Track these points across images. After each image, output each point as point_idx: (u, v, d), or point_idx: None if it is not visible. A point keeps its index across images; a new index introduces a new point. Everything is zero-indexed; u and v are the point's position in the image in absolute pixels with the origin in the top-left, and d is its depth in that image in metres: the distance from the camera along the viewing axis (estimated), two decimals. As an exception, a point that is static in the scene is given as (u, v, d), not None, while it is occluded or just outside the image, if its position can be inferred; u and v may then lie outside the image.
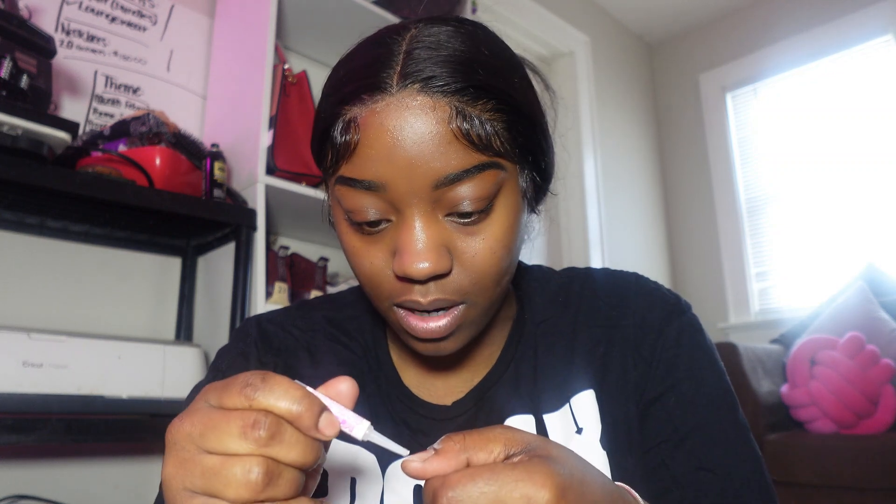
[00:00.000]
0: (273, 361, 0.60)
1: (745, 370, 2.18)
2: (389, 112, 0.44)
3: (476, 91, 0.45)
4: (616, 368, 0.56)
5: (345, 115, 0.46)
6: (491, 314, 0.52)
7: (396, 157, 0.44)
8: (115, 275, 1.57)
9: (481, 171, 0.45)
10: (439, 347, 0.50)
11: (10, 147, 1.12)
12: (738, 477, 0.51)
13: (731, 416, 0.54)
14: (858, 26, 3.04)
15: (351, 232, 0.49)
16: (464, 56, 0.46)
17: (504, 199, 0.48)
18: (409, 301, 0.47)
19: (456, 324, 0.48)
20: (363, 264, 0.49)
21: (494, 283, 0.49)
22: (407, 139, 0.44)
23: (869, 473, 1.90)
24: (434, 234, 0.46)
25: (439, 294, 0.47)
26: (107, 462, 1.49)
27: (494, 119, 0.46)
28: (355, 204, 0.47)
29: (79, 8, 1.63)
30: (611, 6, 3.43)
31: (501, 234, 0.48)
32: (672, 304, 0.59)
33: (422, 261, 0.45)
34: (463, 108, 0.45)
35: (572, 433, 0.54)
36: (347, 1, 1.73)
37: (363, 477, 0.55)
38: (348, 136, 0.46)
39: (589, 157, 3.03)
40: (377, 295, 0.50)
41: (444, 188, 0.45)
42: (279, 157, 1.57)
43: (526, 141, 0.49)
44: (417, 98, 0.44)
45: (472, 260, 0.47)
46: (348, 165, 0.46)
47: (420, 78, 0.45)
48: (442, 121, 0.44)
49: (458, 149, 0.45)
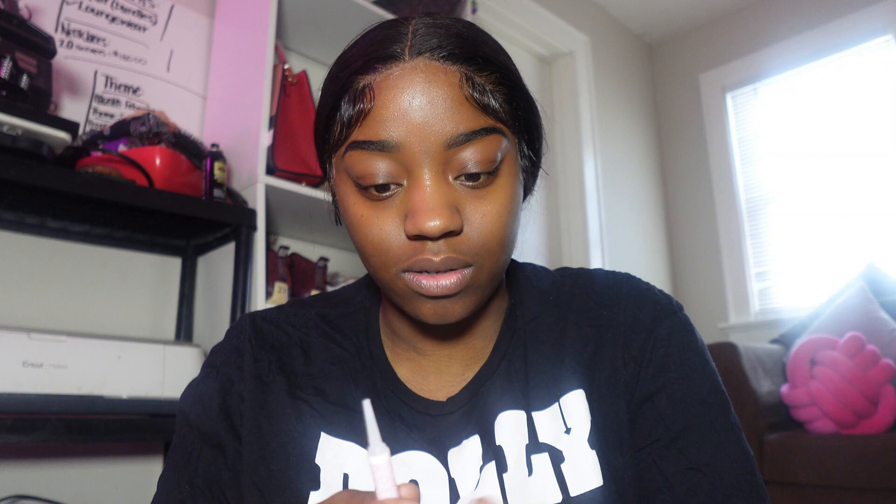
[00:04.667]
0: (267, 358, 0.60)
1: (745, 370, 2.18)
2: (404, 76, 0.47)
3: (482, 62, 0.49)
4: (606, 368, 0.56)
5: (357, 84, 0.48)
6: (494, 284, 0.53)
7: (411, 118, 0.47)
8: (114, 275, 1.57)
9: (489, 133, 0.48)
10: (447, 309, 0.50)
11: (10, 147, 1.12)
12: (728, 477, 0.51)
13: (722, 416, 0.54)
14: (858, 26, 3.04)
15: (360, 202, 0.50)
16: (467, 34, 0.50)
17: (507, 167, 0.50)
18: (422, 260, 0.48)
19: (465, 283, 0.49)
20: (372, 231, 0.49)
21: (500, 247, 0.50)
22: (421, 100, 0.47)
23: (869, 473, 1.90)
24: (445, 193, 0.48)
25: (451, 252, 0.48)
26: (107, 462, 1.49)
27: (497, 91, 0.49)
28: (366, 168, 0.48)
29: (79, 8, 1.63)
30: (611, 6, 3.44)
31: (506, 199, 0.50)
32: (663, 303, 0.59)
33: (435, 217, 0.46)
34: (471, 76, 0.48)
35: (561, 433, 0.55)
36: (347, 1, 1.74)
37: (356, 473, 0.55)
38: (362, 103, 0.48)
39: (589, 156, 3.03)
40: (385, 263, 0.50)
41: (455, 148, 0.47)
42: (279, 157, 1.57)
43: (524, 116, 0.52)
44: (429, 64, 0.48)
45: (480, 221, 0.49)
46: (361, 129, 0.48)
47: (430, 47, 0.48)
48: (453, 85, 0.47)
49: (468, 110, 0.47)
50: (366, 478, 0.55)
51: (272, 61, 1.57)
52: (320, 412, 0.57)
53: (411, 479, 0.54)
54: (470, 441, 0.55)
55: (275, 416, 0.57)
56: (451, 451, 0.55)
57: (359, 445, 0.56)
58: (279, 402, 0.58)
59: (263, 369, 0.59)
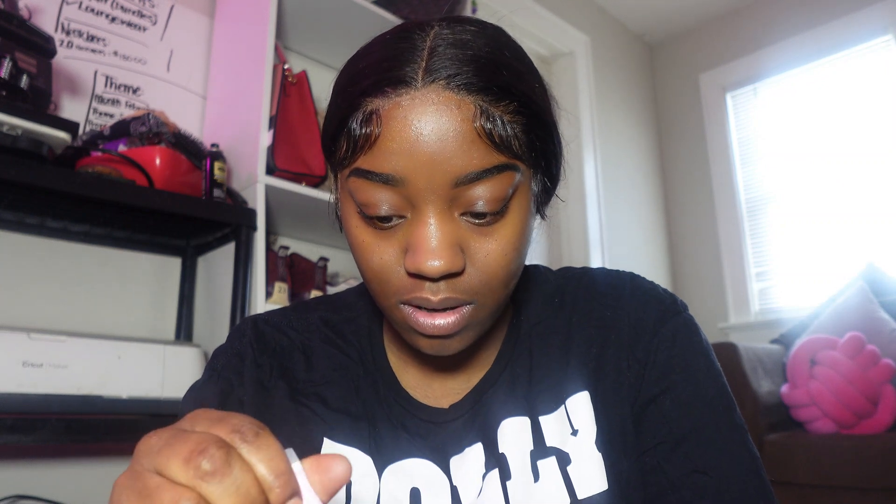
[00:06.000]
0: (269, 363, 0.59)
1: (745, 370, 2.18)
2: (414, 106, 0.44)
3: (499, 91, 0.45)
4: (611, 370, 0.56)
5: (365, 107, 0.46)
6: (496, 316, 0.52)
7: (418, 153, 0.44)
8: (114, 275, 1.57)
9: (500, 171, 0.45)
10: (444, 345, 0.50)
11: (10, 147, 1.12)
12: (735, 480, 0.51)
13: (727, 417, 0.54)
14: (858, 26, 3.04)
15: (362, 226, 0.48)
16: (488, 56, 0.46)
17: (517, 202, 0.48)
18: (419, 298, 0.47)
19: (464, 323, 0.48)
20: (372, 259, 0.48)
21: (503, 285, 0.49)
22: (430, 134, 0.44)
23: (869, 473, 1.90)
24: (449, 232, 0.46)
25: (450, 293, 0.47)
26: (107, 462, 1.49)
27: (515, 121, 0.46)
28: (370, 198, 0.46)
29: (79, 8, 1.63)
30: (611, 6, 3.43)
31: (513, 236, 0.48)
32: (667, 304, 0.58)
33: (436, 258, 0.45)
34: (486, 108, 0.45)
35: (568, 435, 0.54)
36: (347, 1, 1.73)
37: (359, 479, 0.55)
38: (369, 129, 0.45)
39: (589, 156, 3.03)
40: (384, 292, 0.49)
41: (463, 187, 0.45)
42: (279, 156, 1.57)
43: (542, 145, 0.49)
44: (442, 94, 0.44)
45: (483, 260, 0.47)
46: (366, 157, 0.46)
47: (445, 74, 0.44)
48: (466, 119, 0.44)
49: (479, 147, 0.44)
50: (367, 484, 0.54)
51: (272, 61, 1.57)
52: (323, 418, 0.56)
53: (413, 487, 0.54)
54: (472, 449, 0.55)
55: (277, 421, 0.57)
56: (454, 459, 0.55)
57: (362, 452, 0.55)
58: (281, 408, 0.57)
59: (265, 374, 0.59)
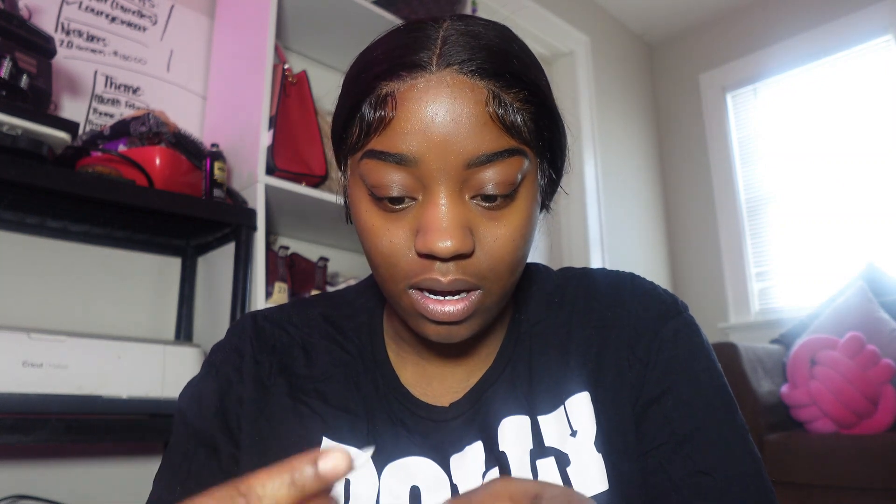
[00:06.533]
0: (268, 360, 0.59)
1: (745, 370, 2.18)
2: (429, 88, 0.45)
3: (511, 79, 0.47)
4: (611, 370, 0.56)
5: (380, 91, 0.47)
6: (502, 305, 0.52)
7: (433, 133, 0.45)
8: (114, 275, 1.57)
9: (511, 155, 0.46)
10: (452, 332, 0.50)
11: (10, 147, 1.12)
12: (737, 480, 0.51)
13: (729, 418, 0.53)
14: (858, 26, 3.04)
15: (372, 210, 0.49)
16: (499, 46, 0.48)
17: (525, 189, 0.49)
18: (429, 280, 0.47)
19: (472, 309, 0.48)
20: (382, 242, 0.48)
21: (510, 271, 0.49)
22: (445, 116, 0.45)
23: (869, 473, 1.90)
24: (460, 213, 0.46)
25: (459, 275, 0.47)
26: (107, 462, 1.49)
27: (524, 109, 0.47)
28: (382, 178, 0.47)
29: (79, 8, 1.63)
30: (611, 6, 3.43)
31: (521, 223, 0.48)
32: (668, 304, 0.58)
33: (447, 238, 0.45)
34: (498, 93, 0.46)
35: (567, 436, 0.54)
36: (347, 1, 1.73)
37: (358, 477, 0.54)
38: (383, 111, 0.46)
39: (589, 156, 3.03)
40: (393, 276, 0.49)
41: (475, 168, 0.46)
42: (279, 156, 1.57)
43: (549, 135, 0.50)
44: (456, 78, 0.46)
45: (492, 244, 0.48)
46: (380, 139, 0.46)
47: (459, 60, 0.46)
48: (479, 102, 0.45)
49: (492, 130, 0.46)
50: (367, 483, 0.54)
51: (272, 61, 1.57)
52: (322, 415, 0.56)
53: (413, 485, 0.53)
54: (472, 447, 0.55)
55: (276, 418, 0.57)
56: (454, 458, 0.55)
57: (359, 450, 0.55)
58: (280, 405, 0.57)
59: (264, 372, 0.59)
